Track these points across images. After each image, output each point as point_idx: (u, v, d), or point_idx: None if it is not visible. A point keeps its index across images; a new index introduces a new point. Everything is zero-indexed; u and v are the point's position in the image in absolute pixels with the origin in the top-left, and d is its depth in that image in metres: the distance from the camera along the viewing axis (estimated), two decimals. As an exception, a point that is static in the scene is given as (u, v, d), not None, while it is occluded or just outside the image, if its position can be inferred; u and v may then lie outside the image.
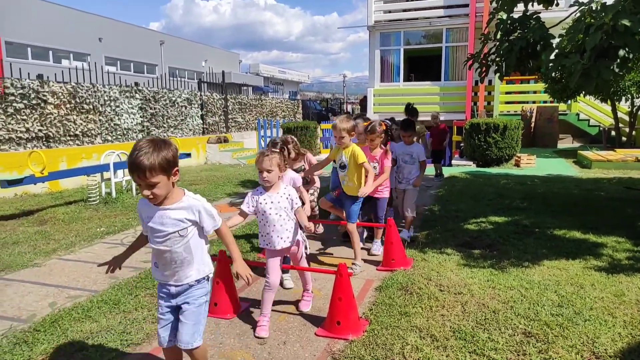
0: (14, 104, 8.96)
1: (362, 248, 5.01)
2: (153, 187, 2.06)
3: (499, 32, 5.52)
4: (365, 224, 5.13)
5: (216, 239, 3.09)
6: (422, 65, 18.51)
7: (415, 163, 5.11)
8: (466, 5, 16.28)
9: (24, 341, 3.00)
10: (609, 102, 13.96)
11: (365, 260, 4.64)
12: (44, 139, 9.63)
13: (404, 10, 17.67)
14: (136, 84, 13.09)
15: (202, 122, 15.00)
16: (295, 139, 4.74)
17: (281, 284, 3.83)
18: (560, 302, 3.40)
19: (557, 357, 2.66)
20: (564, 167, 11.18)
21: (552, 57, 4.84)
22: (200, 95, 14.94)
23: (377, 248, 4.84)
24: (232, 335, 3.15)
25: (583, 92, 6.64)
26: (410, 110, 8.16)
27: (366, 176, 4.23)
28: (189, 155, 10.57)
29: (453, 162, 12.47)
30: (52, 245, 5.24)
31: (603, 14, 4.17)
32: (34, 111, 9.37)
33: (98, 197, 7.53)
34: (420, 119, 9.82)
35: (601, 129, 15.64)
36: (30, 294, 3.85)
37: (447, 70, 17.39)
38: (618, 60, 4.21)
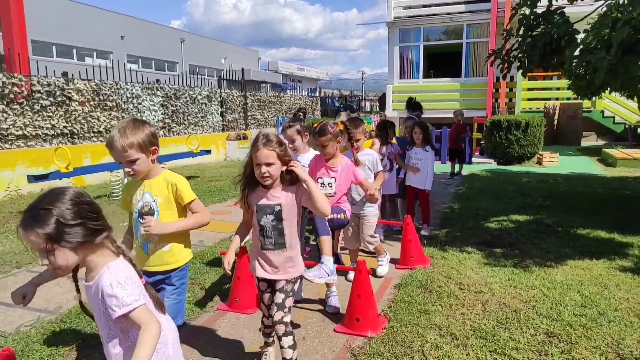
0: (40, 101, 9.18)
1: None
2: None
3: (522, 28, 5.42)
4: (386, 222, 5.12)
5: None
6: (442, 61, 18.32)
7: (369, 176, 3.94)
8: (488, 1, 16.02)
9: (52, 331, 3.09)
10: (635, 98, 13.57)
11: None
12: (68, 136, 9.85)
13: (424, 6, 17.49)
14: (158, 81, 13.27)
15: (221, 119, 15.14)
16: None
17: None
18: (584, 303, 3.35)
19: (580, 358, 2.62)
20: (587, 166, 10.94)
21: (576, 53, 4.74)
22: (220, 92, 15.06)
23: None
24: (251, 329, 3.18)
25: (609, 89, 6.46)
26: (413, 104, 7.46)
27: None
28: (209, 151, 10.68)
29: (473, 159, 12.32)
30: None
31: (631, 7, 4.07)
32: (59, 108, 9.58)
33: (121, 192, 7.66)
34: (439, 115, 9.75)
35: (627, 126, 15.23)
36: (56, 286, 3.95)
37: (467, 66, 17.17)
38: (646, 55, 4.11)
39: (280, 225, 2.37)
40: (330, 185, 3.33)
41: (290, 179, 2.33)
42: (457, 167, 9.79)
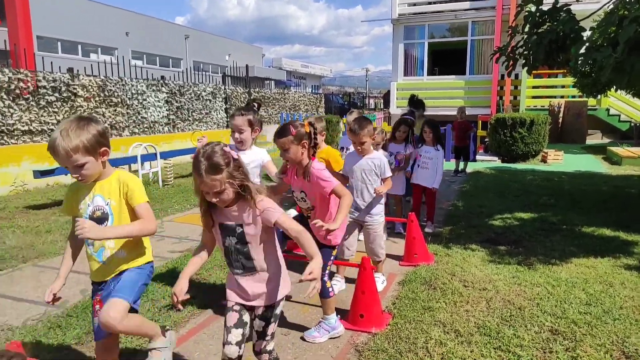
0: (46, 97, 9.21)
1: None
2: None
3: (528, 25, 5.40)
4: (390, 219, 5.13)
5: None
6: (447, 59, 18.25)
7: (375, 182, 3.57)
8: (493, -2, 15.96)
9: (58, 326, 3.11)
10: (641, 97, 13.53)
11: (387, 255, 4.63)
12: (73, 131, 9.87)
13: (429, 3, 17.44)
14: (162, 77, 13.29)
15: (226, 115, 15.14)
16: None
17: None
18: (589, 301, 3.34)
19: (585, 356, 2.62)
20: (592, 164, 10.90)
21: (582, 50, 4.72)
22: (224, 88, 15.07)
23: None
24: (256, 325, 3.19)
25: (615, 87, 6.43)
26: (415, 102, 7.17)
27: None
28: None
29: (477, 157, 12.29)
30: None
31: (638, 5, 4.04)
32: (64, 104, 9.61)
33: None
34: (444, 112, 9.71)
35: (633, 124, 15.17)
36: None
37: (472, 64, 17.12)
38: (653, 53, 4.08)
39: (245, 249, 2.05)
40: (304, 199, 2.85)
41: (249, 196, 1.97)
42: (461, 164, 9.78)
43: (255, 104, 3.46)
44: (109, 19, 28.07)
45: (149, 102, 11.88)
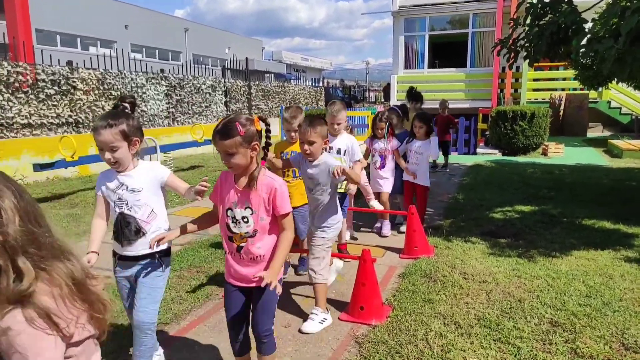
0: (45, 90, 9.18)
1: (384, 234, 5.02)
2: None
3: (529, 17, 5.37)
4: (389, 212, 5.13)
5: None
6: (447, 51, 18.15)
7: (328, 185, 3.05)
8: (494, -10, 15.85)
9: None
10: (642, 89, 13.47)
11: (387, 248, 4.65)
12: (73, 125, 9.86)
13: (430, -5, 17.31)
14: (162, 70, 13.24)
15: (225, 108, 15.11)
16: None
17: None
18: (589, 293, 3.35)
19: (584, 347, 2.63)
20: (593, 157, 10.88)
21: (584, 42, 4.69)
22: (224, 82, 15.02)
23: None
24: (257, 317, 3.20)
25: (616, 79, 6.41)
26: (414, 94, 6.98)
27: None
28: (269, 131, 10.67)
29: (478, 150, 12.28)
30: (82, 227, 5.39)
31: (640, -4, 4.01)
32: (64, 97, 9.58)
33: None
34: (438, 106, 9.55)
35: (634, 117, 15.12)
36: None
37: (473, 56, 17.02)
38: (655, 45, 4.06)
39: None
40: (245, 220, 2.15)
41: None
42: (442, 158, 9.29)
43: (127, 104, 2.49)
44: (108, 12, 27.92)
45: (148, 96, 11.85)
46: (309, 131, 2.85)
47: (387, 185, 5.04)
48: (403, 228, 5.03)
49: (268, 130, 2.18)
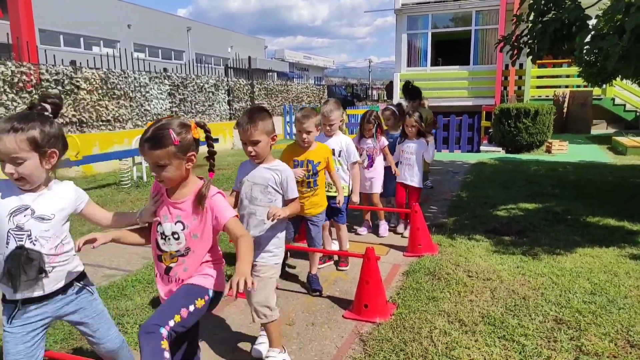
0: (49, 90, 9.21)
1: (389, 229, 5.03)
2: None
3: (532, 13, 5.35)
4: (390, 210, 5.12)
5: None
6: (450, 49, 18.12)
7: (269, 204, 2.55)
8: (497, -13, 15.80)
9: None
10: (647, 86, 13.41)
11: (391, 246, 4.66)
12: (77, 124, 9.90)
13: (433, -7, 17.27)
14: (165, 70, 13.27)
15: (228, 107, 15.13)
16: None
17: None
18: (593, 290, 3.34)
19: (589, 345, 2.63)
20: (597, 154, 10.84)
21: (588, 39, 4.67)
22: (227, 80, 15.04)
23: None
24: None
25: (620, 76, 6.38)
26: (410, 90, 6.33)
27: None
28: (216, 140, 10.67)
29: (481, 148, 12.25)
30: (87, 226, 5.41)
31: (645, -8, 3.99)
32: (67, 97, 9.62)
33: (130, 180, 7.73)
34: (447, 103, 9.49)
35: (638, 114, 15.06)
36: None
37: (476, 54, 16.99)
38: (660, 41, 4.04)
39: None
40: (176, 236, 1.93)
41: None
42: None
43: (48, 106, 1.88)
44: (111, 11, 27.97)
45: (151, 95, 11.88)
46: (248, 129, 2.40)
47: (375, 185, 4.84)
48: (402, 230, 4.99)
49: (209, 138, 1.98)
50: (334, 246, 4.32)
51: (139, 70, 11.53)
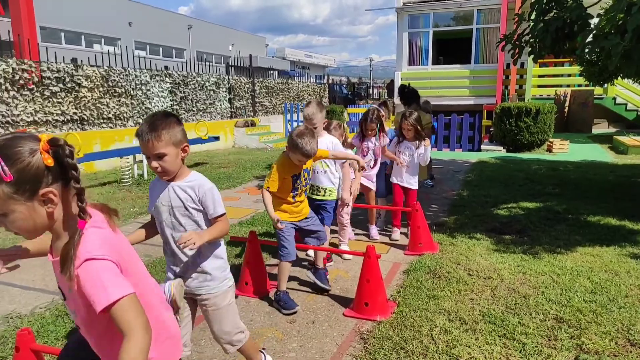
0: (50, 87, 9.22)
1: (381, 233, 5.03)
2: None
3: (534, 12, 5.34)
4: (387, 208, 5.11)
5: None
6: (452, 48, 18.10)
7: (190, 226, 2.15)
8: (499, -15, 15.76)
9: (65, 314, 3.14)
10: (648, 85, 13.41)
11: (391, 244, 4.66)
12: (78, 122, 9.90)
13: (434, -9, 17.23)
14: (166, 67, 13.27)
15: (229, 105, 15.12)
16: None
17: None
18: (594, 289, 3.34)
19: (590, 343, 2.63)
20: (598, 153, 10.84)
21: (589, 38, 4.66)
22: (228, 79, 15.03)
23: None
24: (261, 313, 3.22)
25: (622, 75, 6.37)
26: (407, 94, 6.01)
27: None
28: (217, 138, 10.72)
29: (482, 146, 12.25)
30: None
31: (647, -8, 3.98)
32: (68, 94, 9.62)
33: (131, 178, 7.73)
34: (448, 102, 9.46)
35: (639, 113, 15.04)
36: (69, 270, 4.02)
37: (477, 52, 16.95)
38: (662, 40, 4.03)
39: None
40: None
41: None
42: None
43: None
44: (112, 9, 27.95)
45: (152, 93, 11.87)
46: (151, 141, 1.88)
47: (374, 184, 4.79)
48: (397, 237, 4.81)
49: (68, 164, 1.22)
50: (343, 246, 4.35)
51: (140, 68, 11.53)
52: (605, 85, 14.43)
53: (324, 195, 3.86)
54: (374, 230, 4.94)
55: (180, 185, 2.00)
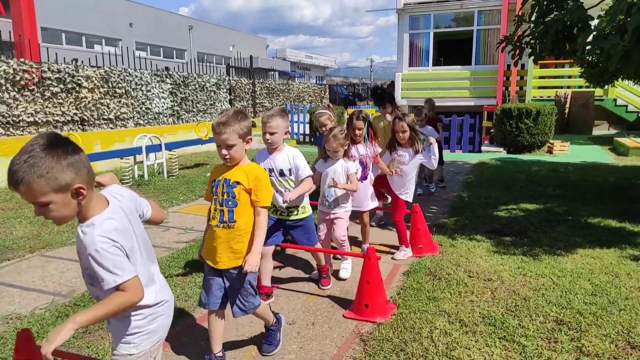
0: (51, 88, 9.22)
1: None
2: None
3: (534, 14, 5.34)
4: (385, 209, 5.09)
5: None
6: (452, 49, 18.10)
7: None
8: (500, -13, 15.77)
9: (65, 314, 3.14)
10: (649, 87, 13.40)
11: (392, 246, 4.64)
12: (79, 123, 9.90)
13: (435, -7, 17.24)
14: (166, 68, 13.27)
15: (230, 106, 15.13)
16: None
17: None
18: (594, 291, 3.34)
19: (590, 346, 2.62)
20: (599, 155, 10.83)
21: (590, 39, 4.66)
22: (229, 80, 15.04)
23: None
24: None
25: (622, 76, 6.37)
26: (379, 96, 5.52)
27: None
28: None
29: (483, 148, 12.24)
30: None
31: (647, -7, 3.98)
32: (69, 95, 9.62)
33: (131, 179, 7.73)
34: (449, 103, 9.42)
35: (640, 115, 15.05)
36: (69, 271, 4.02)
37: (478, 54, 16.96)
38: (662, 42, 4.03)
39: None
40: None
41: None
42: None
43: None
44: (113, 10, 27.98)
45: (153, 94, 11.88)
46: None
47: (368, 201, 4.13)
48: (399, 258, 4.23)
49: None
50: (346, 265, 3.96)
51: (140, 69, 11.53)
52: (606, 86, 14.44)
53: (296, 215, 3.33)
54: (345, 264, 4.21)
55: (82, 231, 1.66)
